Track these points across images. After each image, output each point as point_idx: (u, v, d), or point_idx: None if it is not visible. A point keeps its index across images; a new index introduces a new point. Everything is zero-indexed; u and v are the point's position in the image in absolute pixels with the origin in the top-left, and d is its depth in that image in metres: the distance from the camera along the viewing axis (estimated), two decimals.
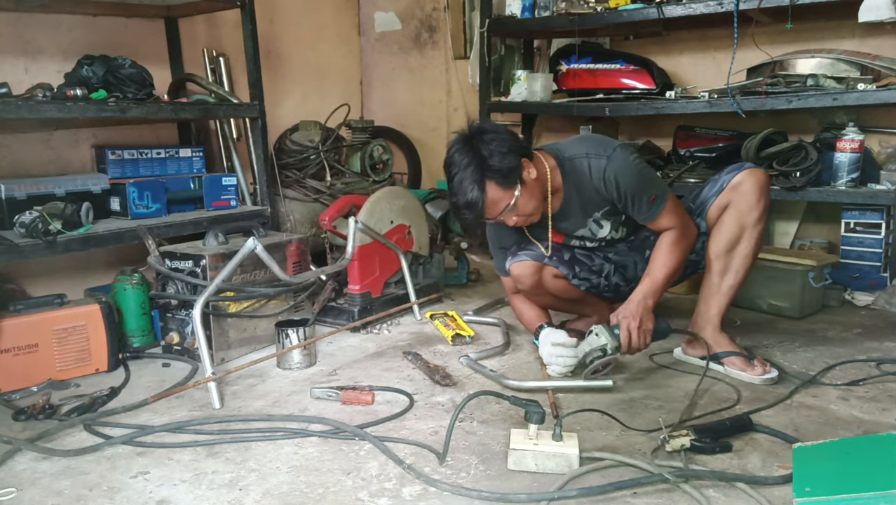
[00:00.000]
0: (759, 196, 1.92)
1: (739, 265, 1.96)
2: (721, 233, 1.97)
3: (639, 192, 1.92)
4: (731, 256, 1.96)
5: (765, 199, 1.93)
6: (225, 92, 2.98)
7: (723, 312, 2.00)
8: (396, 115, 4.24)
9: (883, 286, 2.70)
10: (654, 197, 1.92)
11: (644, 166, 1.97)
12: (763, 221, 1.95)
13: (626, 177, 1.91)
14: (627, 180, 1.91)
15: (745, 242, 1.94)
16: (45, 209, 2.20)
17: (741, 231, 1.94)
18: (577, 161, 1.95)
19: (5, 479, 1.48)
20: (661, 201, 1.93)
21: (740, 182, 1.93)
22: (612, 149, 1.93)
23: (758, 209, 1.92)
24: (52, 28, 2.71)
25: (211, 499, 1.38)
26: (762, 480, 1.38)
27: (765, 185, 1.94)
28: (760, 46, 2.87)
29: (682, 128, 3.18)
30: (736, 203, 1.94)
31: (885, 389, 1.87)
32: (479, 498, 1.35)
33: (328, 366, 2.15)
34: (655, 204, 1.93)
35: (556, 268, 2.10)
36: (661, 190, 1.94)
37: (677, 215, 1.96)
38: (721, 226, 1.97)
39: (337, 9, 4.19)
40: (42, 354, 1.99)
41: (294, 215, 3.13)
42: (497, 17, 3.39)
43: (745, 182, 1.93)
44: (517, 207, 1.86)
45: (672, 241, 1.95)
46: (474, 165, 1.79)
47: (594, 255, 2.16)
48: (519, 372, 2.05)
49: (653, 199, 1.93)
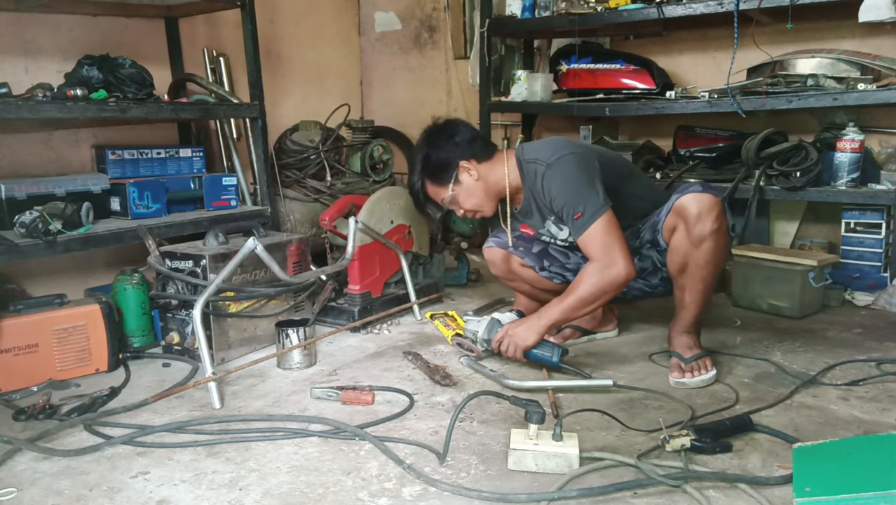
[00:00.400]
0: (699, 220, 1.83)
1: (692, 285, 1.93)
2: (671, 254, 1.94)
3: (566, 206, 1.90)
4: (684, 276, 1.93)
5: (709, 223, 1.83)
6: (225, 92, 2.98)
7: (689, 321, 1.98)
8: (396, 115, 4.24)
9: (883, 286, 2.70)
10: (580, 215, 1.86)
11: (580, 180, 1.89)
12: (711, 241, 1.84)
13: (556, 187, 1.93)
14: (556, 191, 1.93)
15: (692, 265, 1.89)
16: (45, 209, 2.20)
17: (686, 255, 1.89)
18: (531, 166, 2.01)
19: (5, 479, 1.48)
20: (586, 222, 1.85)
21: (682, 207, 1.86)
22: (558, 157, 1.94)
23: (699, 232, 1.84)
24: (52, 28, 2.71)
25: (211, 499, 1.38)
26: (763, 481, 1.38)
27: (706, 209, 1.83)
28: (760, 46, 2.87)
29: (683, 128, 3.17)
30: (680, 227, 1.89)
31: (885, 389, 1.87)
32: (479, 498, 1.35)
33: (328, 366, 2.15)
34: (580, 223, 1.86)
35: (521, 258, 2.18)
36: (592, 210, 1.85)
37: (599, 246, 1.85)
38: (670, 248, 1.94)
39: (337, 9, 4.19)
40: (42, 354, 1.99)
41: (294, 215, 3.13)
42: (497, 17, 3.39)
43: (688, 207, 1.85)
44: (457, 202, 2.07)
45: (591, 276, 1.86)
46: (418, 159, 2.08)
47: (572, 253, 2.17)
48: (519, 372, 2.05)
49: (577, 217, 1.87)
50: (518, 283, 2.29)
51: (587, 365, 2.09)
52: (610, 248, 1.85)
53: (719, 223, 1.85)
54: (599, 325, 2.36)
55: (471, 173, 2.04)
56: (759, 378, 1.97)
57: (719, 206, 1.86)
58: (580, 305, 1.88)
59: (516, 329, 1.97)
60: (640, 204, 2.08)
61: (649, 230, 2.02)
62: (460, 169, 2.03)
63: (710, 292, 1.97)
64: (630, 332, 2.42)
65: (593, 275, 1.86)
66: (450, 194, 2.05)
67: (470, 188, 2.05)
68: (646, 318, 2.52)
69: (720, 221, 1.85)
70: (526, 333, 1.95)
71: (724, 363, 2.08)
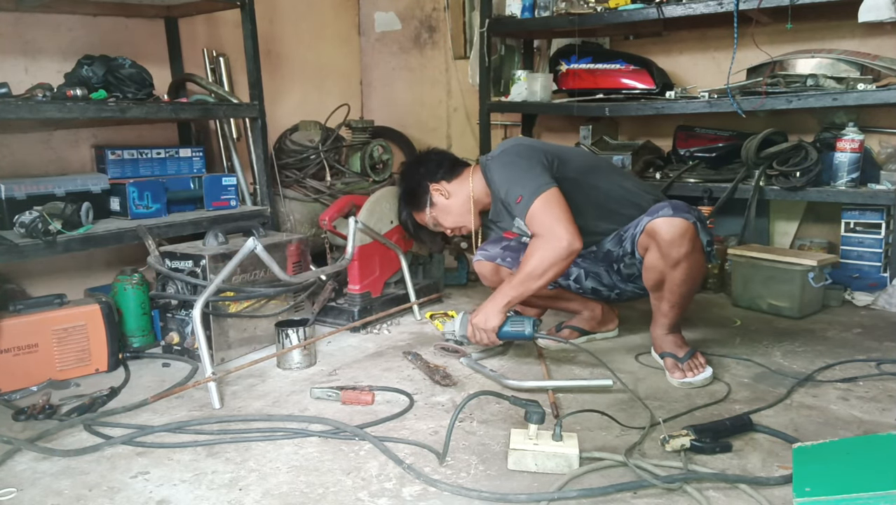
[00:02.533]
0: (671, 245, 1.83)
1: (669, 298, 1.94)
2: (646, 272, 1.96)
3: (508, 194, 1.93)
4: (661, 292, 1.95)
5: (683, 247, 1.83)
6: (225, 92, 2.98)
7: (669, 325, 2.00)
8: (396, 115, 4.24)
9: (883, 286, 2.70)
10: (520, 198, 1.88)
11: (517, 166, 1.92)
12: (686, 263, 1.85)
13: (497, 178, 1.98)
14: (497, 182, 1.98)
15: (669, 283, 1.90)
16: (45, 209, 2.20)
17: (662, 273, 1.90)
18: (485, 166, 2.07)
19: (5, 479, 1.48)
20: (527, 202, 1.87)
21: (654, 231, 1.86)
22: (501, 150, 2.02)
23: (675, 256, 1.84)
24: (52, 28, 2.71)
25: (211, 499, 1.38)
26: (763, 481, 1.38)
27: (678, 234, 1.82)
28: (760, 46, 2.87)
29: (682, 128, 3.17)
30: (653, 248, 1.90)
31: (884, 388, 1.87)
32: (479, 498, 1.35)
33: (328, 366, 2.15)
34: (522, 205, 1.88)
35: (510, 269, 2.19)
36: (531, 190, 1.87)
37: (543, 221, 1.86)
38: (645, 265, 1.96)
39: (337, 9, 4.19)
40: (42, 354, 1.99)
41: (294, 215, 3.13)
42: (497, 17, 3.39)
43: (659, 231, 1.85)
44: (438, 223, 2.22)
45: (536, 249, 1.86)
46: (399, 193, 2.32)
47: None
48: (519, 372, 2.05)
49: (518, 201, 1.89)
50: None
51: (587, 365, 2.09)
52: (552, 222, 1.84)
53: (692, 245, 1.85)
54: (600, 325, 2.36)
55: (442, 193, 2.18)
56: (758, 378, 1.97)
57: (691, 230, 1.84)
58: (529, 279, 1.87)
59: (477, 316, 1.96)
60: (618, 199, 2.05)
61: (629, 241, 2.02)
62: (432, 191, 2.18)
63: (690, 300, 1.99)
64: (630, 332, 2.42)
65: (539, 249, 1.86)
66: (429, 216, 2.21)
67: (444, 207, 2.18)
68: (646, 318, 2.51)
69: (693, 243, 1.85)
70: (487, 315, 1.94)
71: (724, 363, 2.08)
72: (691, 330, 2.34)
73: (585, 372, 2.05)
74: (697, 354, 1.98)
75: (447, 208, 2.18)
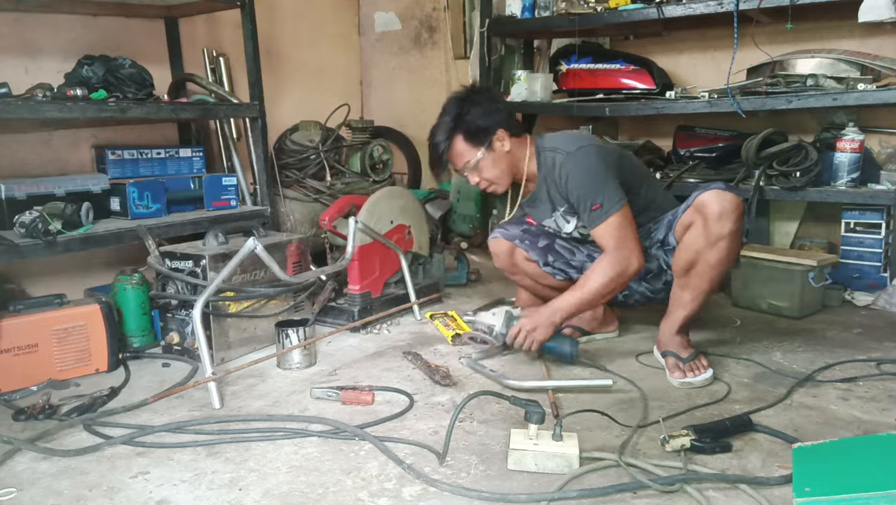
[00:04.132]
0: (719, 218, 1.81)
1: (697, 284, 1.91)
2: (679, 252, 1.93)
3: (584, 196, 1.92)
4: (689, 275, 1.92)
5: (729, 223, 1.81)
6: (225, 92, 2.98)
7: (684, 320, 1.98)
8: (396, 115, 4.24)
9: (883, 286, 2.70)
10: (598, 206, 1.89)
11: (601, 173, 1.91)
12: (727, 241, 1.83)
13: (576, 177, 1.94)
14: (576, 181, 1.94)
15: (701, 264, 1.88)
16: (45, 209, 2.20)
17: (698, 253, 1.87)
18: (549, 154, 2.03)
19: (5, 479, 1.48)
20: (603, 214, 1.88)
21: (703, 203, 1.84)
22: (579, 147, 1.97)
23: (718, 231, 1.82)
24: (52, 28, 2.71)
25: (211, 499, 1.38)
26: (764, 482, 1.38)
27: (729, 209, 1.81)
28: (760, 46, 2.87)
29: (682, 128, 3.17)
30: (697, 224, 1.87)
31: (884, 388, 1.87)
32: (479, 498, 1.35)
33: (328, 366, 2.15)
34: (597, 214, 1.89)
35: (526, 252, 2.18)
36: (610, 203, 1.88)
37: (616, 238, 1.88)
38: (681, 245, 1.93)
39: (337, 9, 4.19)
40: (42, 354, 1.99)
41: (294, 215, 3.13)
42: (497, 17, 3.39)
43: (709, 204, 1.83)
44: (479, 168, 2.06)
45: (604, 268, 1.89)
46: (452, 116, 2.04)
47: (577, 250, 2.18)
48: (519, 372, 2.05)
49: (595, 208, 1.89)
50: (520, 276, 2.31)
51: (587, 365, 2.09)
52: (625, 241, 1.89)
53: (738, 225, 1.84)
54: (600, 326, 2.36)
55: (503, 144, 2.05)
56: (758, 378, 1.97)
57: (741, 207, 1.85)
58: (594, 296, 1.91)
59: (528, 321, 1.97)
60: (654, 208, 2.08)
61: (663, 228, 2.02)
62: (497, 136, 2.03)
63: (711, 295, 1.97)
64: (630, 332, 2.42)
65: (608, 267, 1.89)
66: (477, 158, 2.04)
67: (498, 158, 2.05)
68: (646, 318, 2.51)
69: (739, 223, 1.85)
70: (539, 324, 1.95)
71: (724, 363, 2.08)
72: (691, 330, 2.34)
73: (585, 372, 2.05)
74: (701, 357, 1.98)
75: (499, 161, 2.05)
